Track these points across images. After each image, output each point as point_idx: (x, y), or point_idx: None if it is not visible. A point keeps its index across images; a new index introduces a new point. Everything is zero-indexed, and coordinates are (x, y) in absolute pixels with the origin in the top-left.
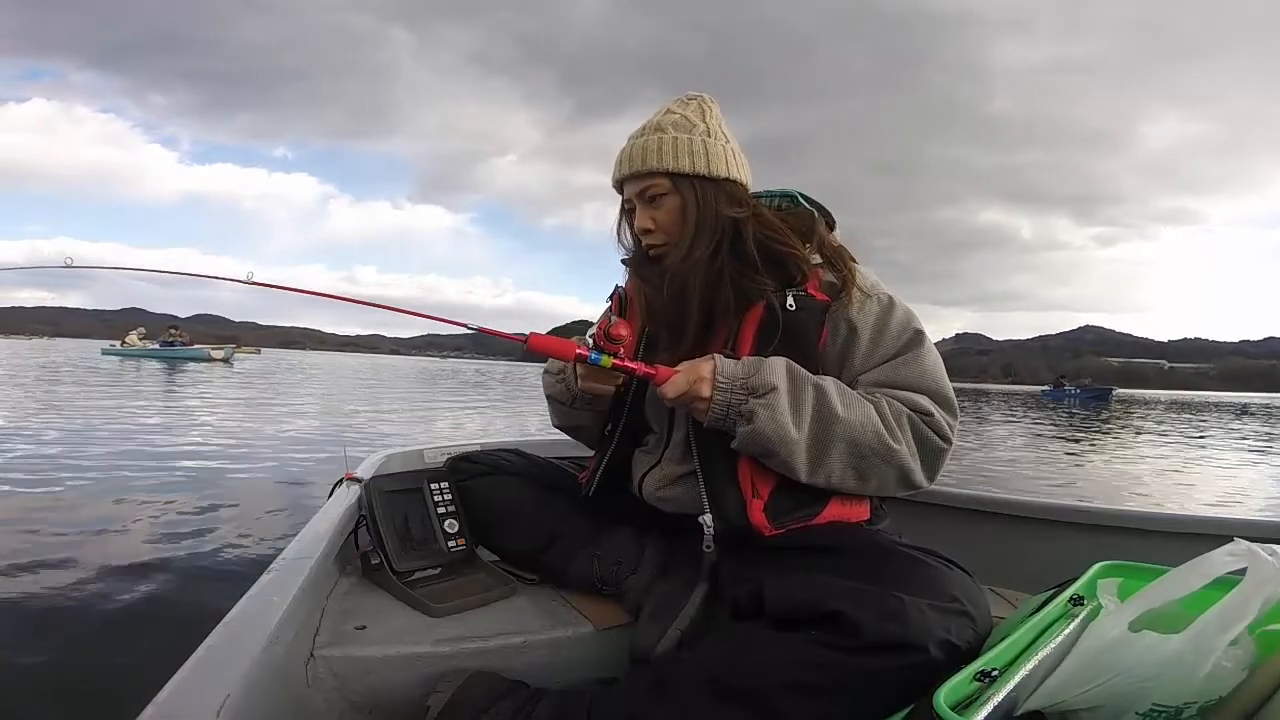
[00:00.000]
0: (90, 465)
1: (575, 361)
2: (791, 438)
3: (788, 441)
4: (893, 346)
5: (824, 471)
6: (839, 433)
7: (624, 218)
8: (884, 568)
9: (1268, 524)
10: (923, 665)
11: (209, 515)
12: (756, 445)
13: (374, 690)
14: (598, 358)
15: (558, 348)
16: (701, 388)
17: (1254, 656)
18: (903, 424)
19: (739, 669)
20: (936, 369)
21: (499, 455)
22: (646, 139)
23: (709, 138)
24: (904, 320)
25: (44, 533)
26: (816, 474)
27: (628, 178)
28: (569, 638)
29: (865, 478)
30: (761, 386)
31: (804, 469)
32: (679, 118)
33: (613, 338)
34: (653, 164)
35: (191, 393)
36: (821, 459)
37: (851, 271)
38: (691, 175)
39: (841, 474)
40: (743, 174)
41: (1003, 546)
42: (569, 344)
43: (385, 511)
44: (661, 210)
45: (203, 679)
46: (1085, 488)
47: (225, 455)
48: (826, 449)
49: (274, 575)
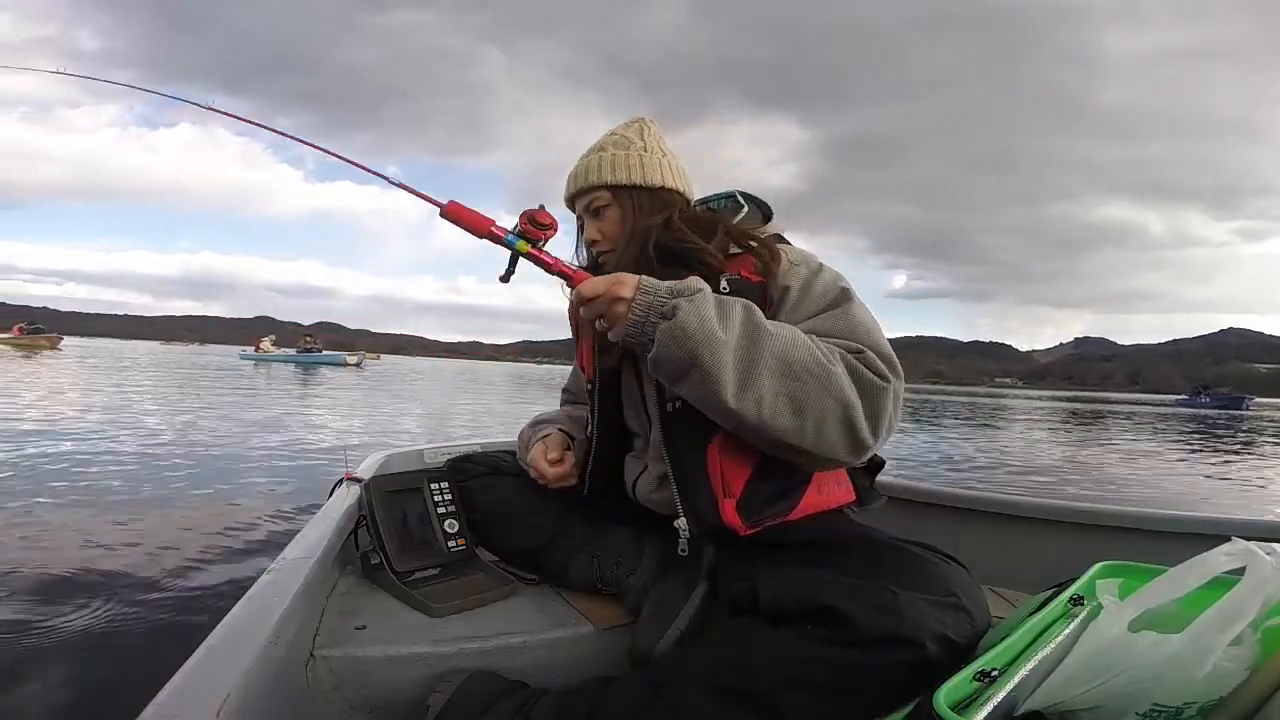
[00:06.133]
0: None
1: (489, 236)
2: (718, 337)
3: (713, 340)
4: (820, 302)
5: (753, 393)
6: (769, 347)
7: (580, 233)
8: (879, 563)
9: (1266, 524)
10: (920, 661)
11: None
12: (677, 346)
13: (374, 690)
14: (514, 240)
15: (473, 220)
16: (622, 289)
17: (1255, 656)
18: (834, 354)
19: (736, 667)
20: (869, 323)
21: (499, 456)
22: (589, 158)
23: (645, 152)
24: (831, 280)
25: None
26: (745, 394)
27: (575, 194)
28: (569, 638)
29: (801, 410)
30: (687, 290)
31: (731, 384)
32: (619, 137)
33: (539, 222)
34: (594, 179)
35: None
36: (750, 375)
37: (772, 250)
38: (629, 186)
39: (774, 401)
40: (679, 183)
41: (1003, 546)
42: (486, 219)
43: (385, 511)
44: (605, 221)
45: (203, 679)
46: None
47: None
48: (755, 363)
49: (274, 575)
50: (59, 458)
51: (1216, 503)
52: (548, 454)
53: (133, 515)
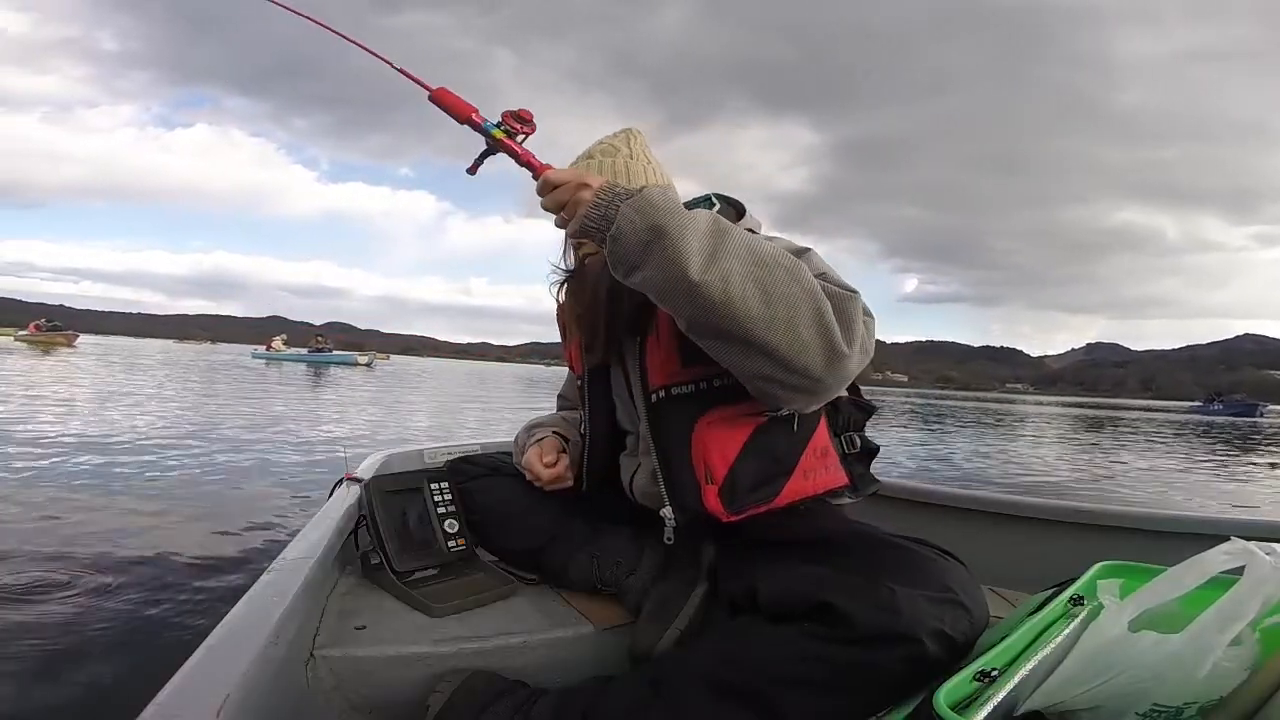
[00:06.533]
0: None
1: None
2: (683, 211)
3: (677, 211)
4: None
5: (720, 268)
6: (736, 237)
7: (567, 239)
8: (878, 560)
9: (1265, 524)
10: (919, 657)
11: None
12: (641, 218)
13: (374, 690)
14: (491, 126)
15: (458, 106)
16: (589, 178)
17: (1255, 656)
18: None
19: (736, 665)
20: (832, 271)
21: (498, 456)
22: (577, 165)
23: (630, 159)
24: (786, 242)
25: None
26: (712, 268)
27: None
28: (569, 638)
29: (770, 297)
30: (654, 185)
31: (698, 256)
32: (606, 145)
33: (520, 118)
34: None
35: (354, 393)
36: (718, 250)
37: None
38: None
39: (742, 283)
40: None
41: (1003, 546)
42: (469, 106)
43: (385, 511)
44: None
45: (203, 679)
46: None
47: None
48: (722, 241)
49: (274, 575)
50: (78, 448)
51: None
52: (543, 457)
53: (134, 510)
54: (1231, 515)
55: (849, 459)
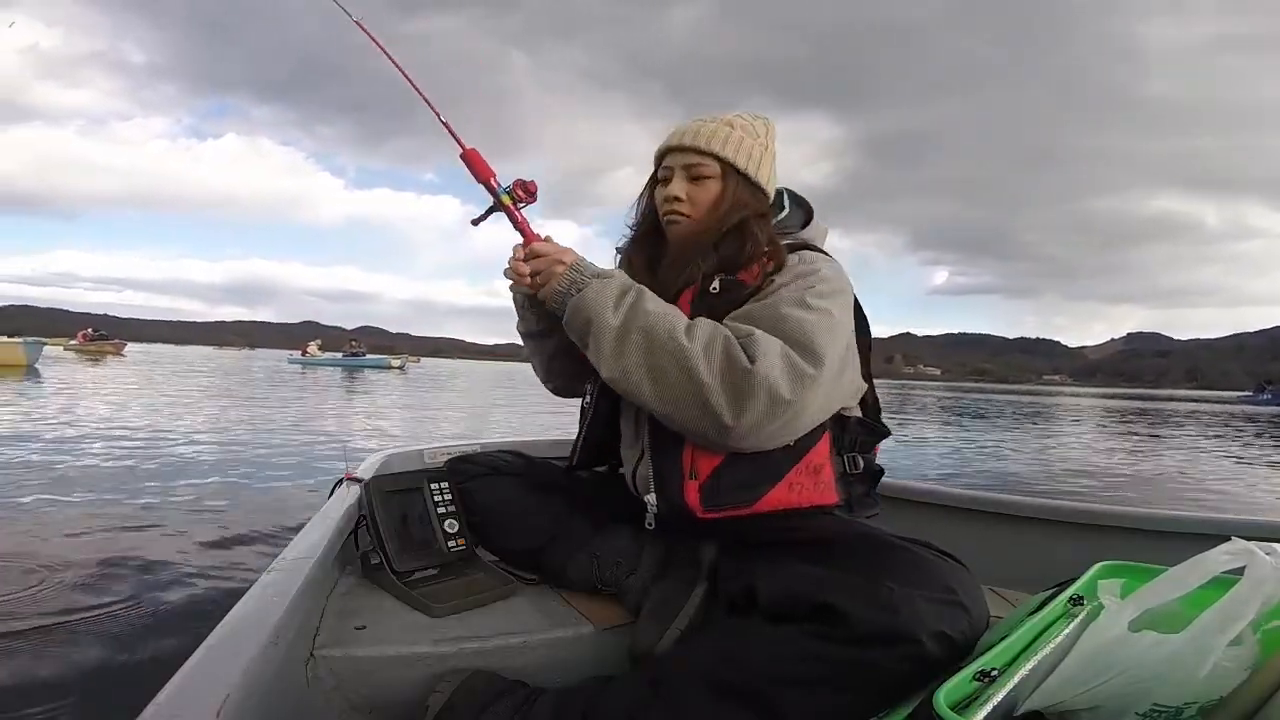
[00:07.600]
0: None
1: (486, 184)
2: (606, 315)
3: (601, 318)
4: (770, 295)
5: (623, 363)
6: (640, 322)
7: (649, 188)
8: (877, 560)
9: (1265, 524)
10: (918, 657)
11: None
12: (581, 313)
13: (373, 690)
14: (503, 191)
15: (482, 169)
16: (565, 256)
17: (1255, 656)
18: (714, 336)
19: (735, 664)
20: (800, 316)
21: (498, 456)
22: (717, 125)
23: (765, 150)
24: (800, 286)
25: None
26: (617, 364)
27: (685, 148)
28: (569, 638)
29: (659, 380)
30: (605, 274)
31: (609, 355)
32: (748, 124)
33: (527, 190)
34: (715, 147)
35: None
36: (622, 346)
37: (779, 261)
38: (741, 171)
39: (638, 371)
40: (770, 191)
41: (1003, 546)
42: (490, 170)
43: (385, 511)
44: (700, 188)
45: (203, 679)
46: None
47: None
48: (627, 335)
49: (274, 575)
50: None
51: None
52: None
53: (145, 510)
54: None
55: (848, 478)
